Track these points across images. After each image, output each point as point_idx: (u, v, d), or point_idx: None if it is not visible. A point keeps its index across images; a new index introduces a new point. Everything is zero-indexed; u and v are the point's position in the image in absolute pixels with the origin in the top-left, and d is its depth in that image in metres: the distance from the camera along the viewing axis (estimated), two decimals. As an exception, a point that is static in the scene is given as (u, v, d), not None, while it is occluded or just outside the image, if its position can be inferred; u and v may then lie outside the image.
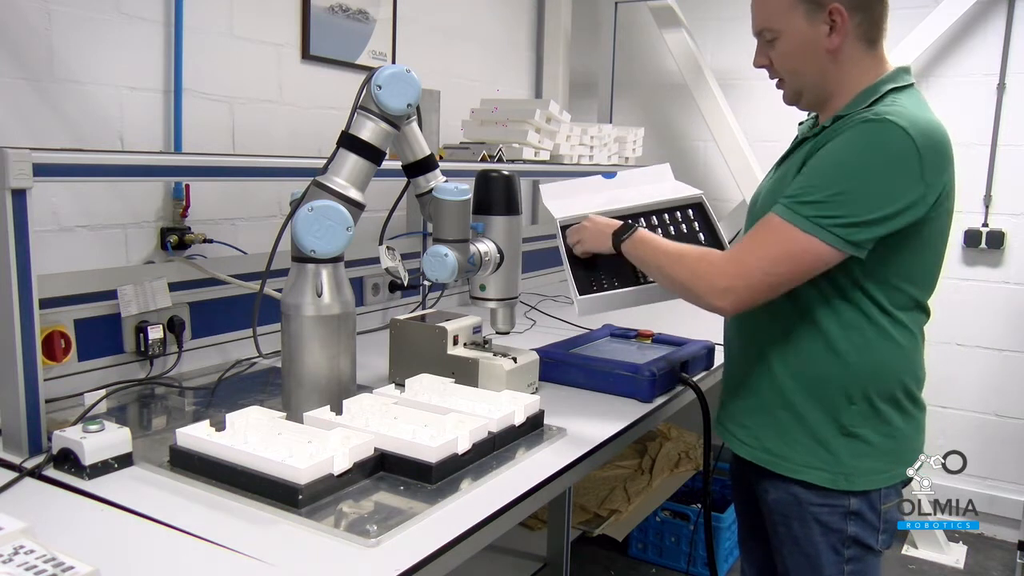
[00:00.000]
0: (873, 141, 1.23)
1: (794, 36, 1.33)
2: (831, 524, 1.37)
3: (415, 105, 1.48)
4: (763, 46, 1.40)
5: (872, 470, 1.36)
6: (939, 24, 3.13)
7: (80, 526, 1.10)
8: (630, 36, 3.76)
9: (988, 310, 3.28)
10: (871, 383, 1.34)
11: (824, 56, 1.33)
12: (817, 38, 1.32)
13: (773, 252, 1.27)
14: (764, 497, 1.45)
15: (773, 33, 1.36)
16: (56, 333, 1.57)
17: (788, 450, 1.38)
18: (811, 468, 1.36)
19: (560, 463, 1.37)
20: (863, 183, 1.22)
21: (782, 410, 1.39)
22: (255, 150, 2.17)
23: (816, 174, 1.26)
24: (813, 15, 1.31)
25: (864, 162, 1.23)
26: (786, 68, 1.38)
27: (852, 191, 1.22)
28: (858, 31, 1.32)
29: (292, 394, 1.46)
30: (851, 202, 1.22)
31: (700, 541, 2.87)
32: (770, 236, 1.28)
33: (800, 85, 1.38)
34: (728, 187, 3.55)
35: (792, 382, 1.38)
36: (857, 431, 1.35)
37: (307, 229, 1.34)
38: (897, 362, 1.36)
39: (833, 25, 1.31)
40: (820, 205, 1.23)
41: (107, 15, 1.83)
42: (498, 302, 1.64)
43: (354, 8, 2.50)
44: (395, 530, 1.08)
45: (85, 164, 1.39)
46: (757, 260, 1.28)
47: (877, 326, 1.33)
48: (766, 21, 1.36)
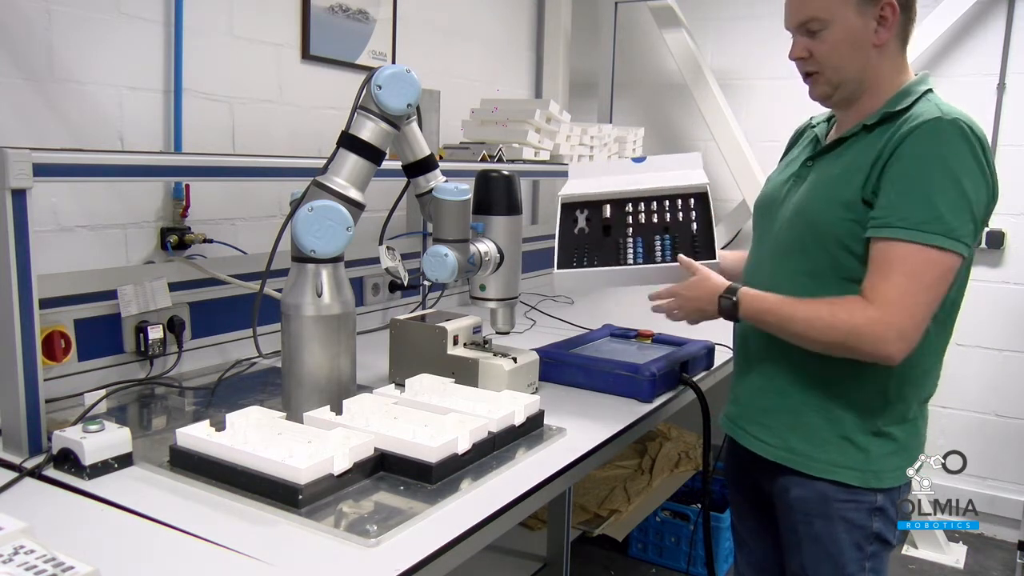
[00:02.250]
0: (955, 141, 1.23)
1: (844, 27, 1.31)
2: (857, 521, 1.37)
3: (415, 105, 1.48)
4: (803, 38, 1.36)
5: (899, 466, 1.37)
6: (939, 24, 3.13)
7: (80, 526, 1.10)
8: (630, 36, 3.76)
9: (988, 310, 3.27)
10: (908, 383, 1.34)
11: (870, 51, 1.32)
12: (866, 32, 1.31)
13: (926, 283, 1.22)
14: (783, 496, 1.43)
15: (821, 24, 1.32)
16: (56, 333, 1.57)
17: (817, 450, 1.37)
18: (842, 467, 1.35)
19: (560, 463, 1.37)
20: (965, 184, 1.22)
21: (812, 411, 1.37)
22: (255, 150, 2.17)
23: (917, 185, 1.23)
24: (864, 8, 1.30)
25: (957, 165, 1.22)
26: (830, 60, 1.34)
27: (961, 194, 1.22)
28: (899, 32, 1.33)
29: (292, 394, 1.46)
30: (964, 206, 1.22)
31: (700, 541, 2.87)
32: (914, 267, 1.22)
33: (841, 79, 1.35)
34: (728, 187, 3.54)
35: (824, 383, 1.36)
36: (888, 429, 1.35)
37: (307, 229, 1.34)
38: (931, 361, 1.37)
39: (882, 20, 1.30)
40: (942, 218, 1.21)
41: (107, 15, 1.83)
42: (498, 302, 1.64)
43: (354, 8, 2.50)
44: (395, 530, 1.08)
45: (85, 164, 1.39)
46: (915, 297, 1.23)
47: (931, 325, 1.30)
48: (816, 11, 1.33)
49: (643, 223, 1.68)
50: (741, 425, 1.50)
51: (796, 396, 1.39)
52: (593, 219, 1.70)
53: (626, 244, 1.65)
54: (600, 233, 1.68)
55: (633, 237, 1.66)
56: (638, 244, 1.64)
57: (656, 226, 1.67)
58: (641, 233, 1.66)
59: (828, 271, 1.32)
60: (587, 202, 1.72)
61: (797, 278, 1.36)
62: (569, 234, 1.69)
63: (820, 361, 1.33)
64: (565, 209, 1.72)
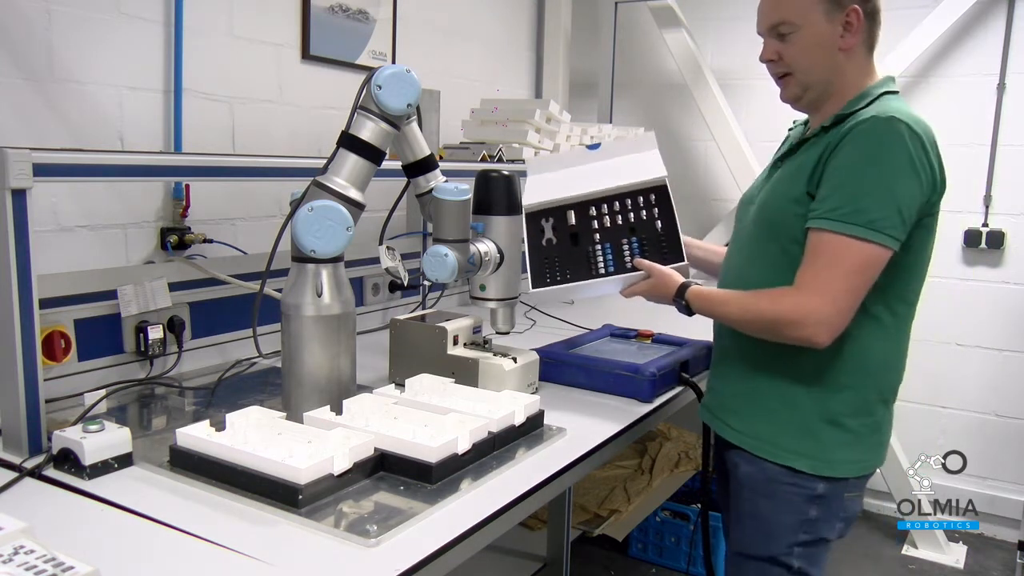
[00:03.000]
0: (886, 139, 1.27)
1: (813, 31, 1.37)
2: (796, 505, 1.41)
3: (415, 105, 1.48)
4: (773, 41, 1.42)
5: (853, 459, 1.41)
6: (939, 24, 3.13)
7: (80, 526, 1.10)
8: (630, 36, 3.76)
9: (988, 310, 3.27)
10: (863, 372, 1.38)
11: (837, 54, 1.38)
12: (833, 36, 1.37)
13: (845, 269, 1.28)
14: (734, 471, 1.50)
15: (791, 27, 1.38)
16: (56, 333, 1.57)
17: (777, 435, 1.42)
18: (795, 454, 1.40)
19: (560, 463, 1.37)
20: (894, 180, 1.27)
21: (773, 398, 1.43)
22: (255, 150, 2.17)
23: (847, 179, 1.29)
24: (832, 14, 1.36)
25: (886, 159, 1.27)
26: (800, 63, 1.40)
27: (887, 189, 1.27)
28: (864, 37, 1.39)
29: (292, 394, 1.46)
30: (890, 200, 1.26)
31: (700, 541, 2.87)
32: (835, 255, 1.28)
33: (809, 81, 1.41)
34: (728, 187, 3.55)
35: (784, 370, 1.41)
36: (843, 421, 1.39)
37: (307, 229, 1.34)
38: (888, 353, 1.40)
39: (848, 26, 1.36)
40: (866, 211, 1.26)
41: (107, 15, 1.83)
42: (498, 302, 1.64)
43: (354, 8, 2.50)
44: (395, 530, 1.08)
45: (85, 164, 1.39)
46: (835, 283, 1.28)
47: (876, 320, 1.36)
48: (785, 15, 1.39)
49: (609, 227, 1.69)
50: (714, 412, 1.55)
51: (760, 383, 1.45)
52: (559, 228, 1.71)
53: (595, 252, 1.67)
54: (569, 243, 1.69)
55: (601, 244, 1.67)
56: (607, 251, 1.66)
57: (622, 228, 1.68)
58: (609, 239, 1.67)
59: (784, 263, 1.38)
60: (551, 209, 1.73)
61: (760, 270, 1.43)
62: (538, 248, 1.70)
63: (779, 349, 1.38)
64: (530, 219, 1.72)
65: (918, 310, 1.44)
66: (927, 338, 3.29)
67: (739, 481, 1.49)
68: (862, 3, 1.35)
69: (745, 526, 1.49)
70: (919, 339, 1.52)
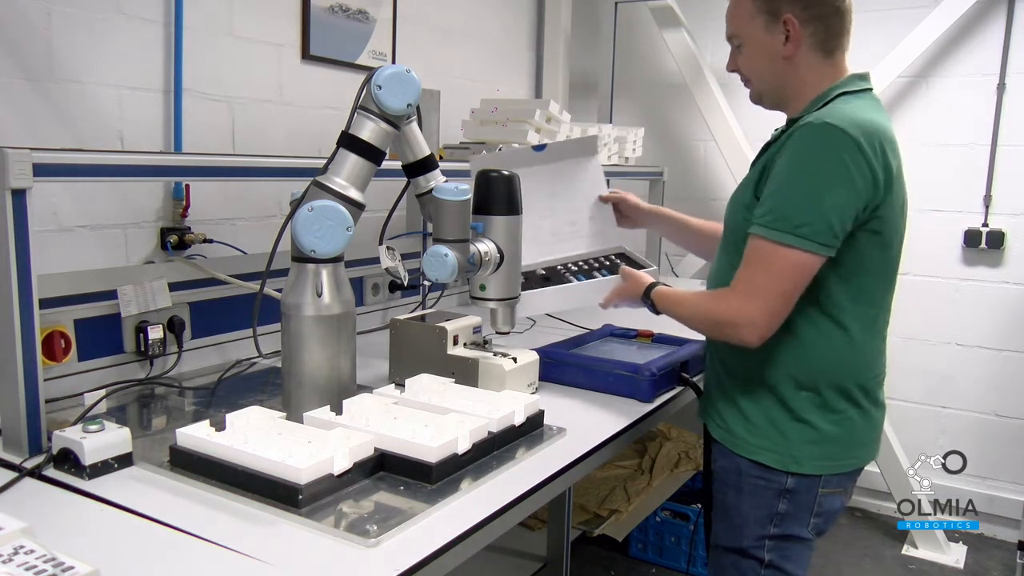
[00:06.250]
0: (817, 145, 1.31)
1: (755, 43, 1.46)
2: (764, 498, 1.45)
3: (415, 105, 1.48)
4: (734, 51, 1.53)
5: (821, 455, 1.43)
6: (939, 24, 3.13)
7: (80, 526, 1.10)
8: (630, 36, 3.76)
9: (988, 310, 3.27)
10: (816, 370, 1.41)
11: (781, 62, 1.44)
12: (775, 46, 1.43)
13: (774, 275, 1.33)
14: (713, 464, 1.56)
15: (739, 40, 1.49)
16: (56, 333, 1.57)
17: (747, 432, 1.47)
18: (764, 450, 1.44)
19: (560, 463, 1.37)
20: (821, 187, 1.30)
21: (742, 395, 1.48)
22: (255, 150, 2.17)
23: (779, 187, 1.34)
24: (771, 25, 1.43)
25: (815, 167, 1.31)
26: (751, 72, 1.50)
27: (814, 196, 1.30)
28: (812, 41, 1.42)
29: (292, 394, 1.46)
30: (817, 208, 1.29)
31: (700, 541, 2.87)
32: (764, 259, 1.34)
33: (762, 88, 1.50)
34: (728, 187, 3.54)
35: (750, 369, 1.46)
36: (807, 417, 1.42)
37: (307, 229, 1.34)
38: (846, 355, 1.42)
39: (788, 35, 1.42)
40: (791, 218, 1.30)
41: (107, 15, 1.83)
42: (498, 302, 1.64)
43: (354, 8, 2.50)
44: (395, 530, 1.08)
45: (85, 164, 1.39)
46: (764, 287, 1.34)
47: (833, 321, 1.39)
48: (733, 29, 1.49)
49: (575, 270, 1.89)
50: (705, 409, 1.61)
51: (731, 382, 1.50)
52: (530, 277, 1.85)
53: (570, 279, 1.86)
54: (541, 282, 1.84)
55: (575, 276, 1.87)
56: (580, 278, 1.85)
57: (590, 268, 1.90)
58: (581, 272, 1.88)
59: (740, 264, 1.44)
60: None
61: (725, 272, 1.47)
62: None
63: (742, 349, 1.41)
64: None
65: (916, 309, 1.44)
66: (927, 338, 3.30)
67: (716, 474, 1.55)
68: (799, 11, 1.40)
69: (718, 520, 1.55)
70: (919, 339, 1.52)
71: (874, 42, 3.23)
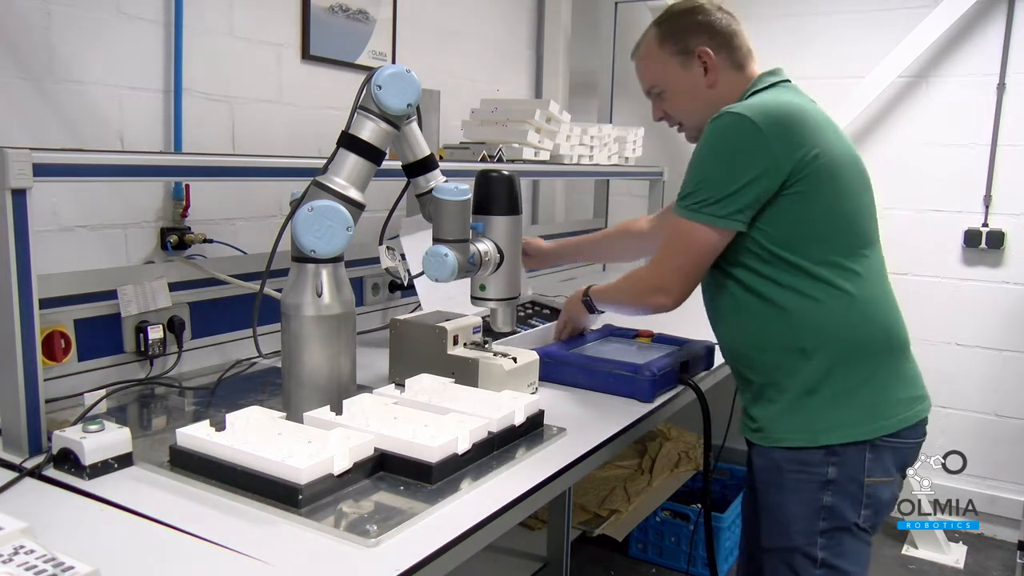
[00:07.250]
0: (716, 131, 1.41)
1: (677, 85, 1.57)
2: (807, 492, 1.43)
3: (415, 105, 1.48)
4: (656, 101, 1.62)
5: (843, 421, 1.41)
6: (939, 24, 3.13)
7: (80, 526, 1.10)
8: (630, 36, 3.74)
9: (988, 310, 3.27)
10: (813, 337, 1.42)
11: (705, 92, 1.54)
12: (696, 80, 1.54)
13: (676, 246, 1.48)
14: (752, 469, 1.55)
15: (660, 87, 1.59)
16: (56, 333, 1.57)
17: (772, 422, 1.47)
18: (790, 432, 1.45)
19: (560, 463, 1.37)
20: (714, 166, 1.42)
21: (760, 389, 1.49)
22: (255, 150, 2.17)
23: (687, 172, 1.46)
24: (687, 64, 1.54)
25: (713, 149, 1.42)
26: (680, 113, 1.60)
27: (708, 175, 1.42)
28: (726, 63, 1.54)
29: (292, 394, 1.46)
30: (709, 185, 1.41)
31: (700, 541, 2.87)
32: (675, 234, 1.49)
33: (695, 122, 1.57)
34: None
35: (752, 360, 1.50)
36: (820, 388, 1.42)
37: (307, 229, 1.34)
38: (839, 314, 1.42)
39: (705, 66, 1.53)
40: (691, 195, 1.43)
41: (107, 15, 1.83)
42: (498, 302, 1.64)
43: (354, 8, 2.50)
44: (395, 530, 1.08)
45: (85, 164, 1.39)
46: (669, 258, 1.50)
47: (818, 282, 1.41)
48: (652, 80, 1.60)
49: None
50: (743, 425, 1.58)
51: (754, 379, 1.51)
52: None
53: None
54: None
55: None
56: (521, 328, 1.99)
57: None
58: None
59: None
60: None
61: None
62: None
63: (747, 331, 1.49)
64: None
65: (916, 309, 1.45)
66: (927, 338, 3.29)
67: (757, 476, 1.53)
68: (708, 39, 1.52)
69: (763, 522, 1.52)
70: (919, 339, 1.51)
71: (874, 42, 3.23)
